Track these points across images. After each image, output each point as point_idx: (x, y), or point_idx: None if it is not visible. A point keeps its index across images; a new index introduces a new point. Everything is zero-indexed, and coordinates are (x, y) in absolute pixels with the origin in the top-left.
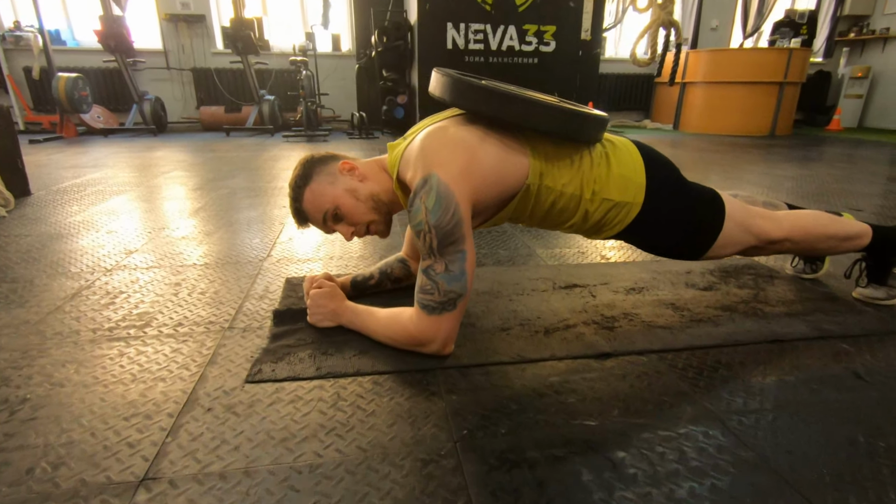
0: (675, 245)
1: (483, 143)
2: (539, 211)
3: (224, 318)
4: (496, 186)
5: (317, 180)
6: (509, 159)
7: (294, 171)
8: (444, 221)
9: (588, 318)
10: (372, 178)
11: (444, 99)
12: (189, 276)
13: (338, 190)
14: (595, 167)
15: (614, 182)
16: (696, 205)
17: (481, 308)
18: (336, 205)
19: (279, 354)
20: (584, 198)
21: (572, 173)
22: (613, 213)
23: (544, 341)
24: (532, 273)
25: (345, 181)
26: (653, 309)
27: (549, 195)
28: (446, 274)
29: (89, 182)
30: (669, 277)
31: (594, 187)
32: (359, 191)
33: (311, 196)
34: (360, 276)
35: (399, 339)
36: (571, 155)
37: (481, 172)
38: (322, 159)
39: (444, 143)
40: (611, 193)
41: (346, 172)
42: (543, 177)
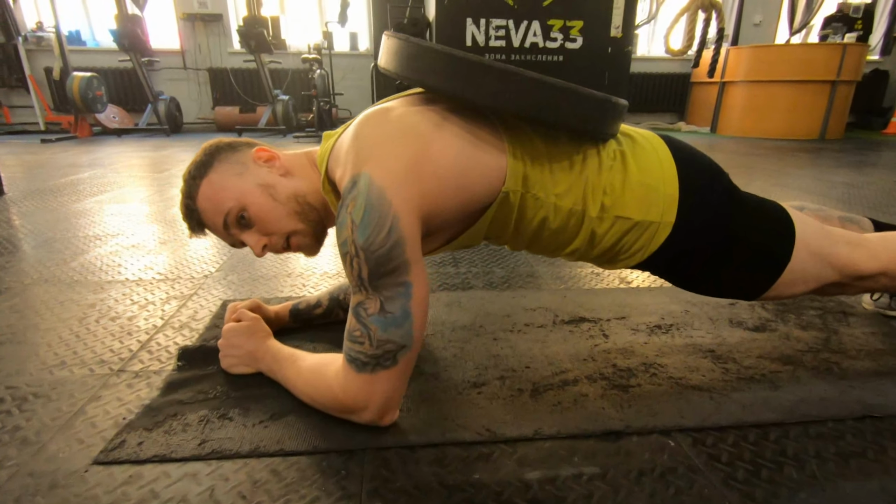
0: (721, 283)
1: (439, 130)
2: (526, 230)
3: (119, 357)
4: (458, 193)
5: (218, 169)
6: (477, 156)
7: (192, 160)
8: (376, 241)
9: (595, 369)
10: (298, 174)
11: (390, 71)
12: (109, 295)
13: (247, 184)
14: (605, 172)
15: (633, 193)
16: (751, 226)
17: (453, 351)
18: (243, 204)
19: (161, 416)
20: (590, 215)
21: (571, 180)
22: (632, 236)
23: (530, 407)
24: (529, 301)
25: (259, 173)
26: (684, 358)
27: (537, 209)
28: (380, 317)
29: (74, 182)
30: (707, 311)
31: (603, 200)
32: (277, 188)
33: (208, 190)
34: (303, 302)
35: (324, 402)
36: (570, 154)
37: (435, 172)
38: (231, 145)
39: (383, 131)
40: (628, 209)
41: (263, 163)
42: (529, 183)
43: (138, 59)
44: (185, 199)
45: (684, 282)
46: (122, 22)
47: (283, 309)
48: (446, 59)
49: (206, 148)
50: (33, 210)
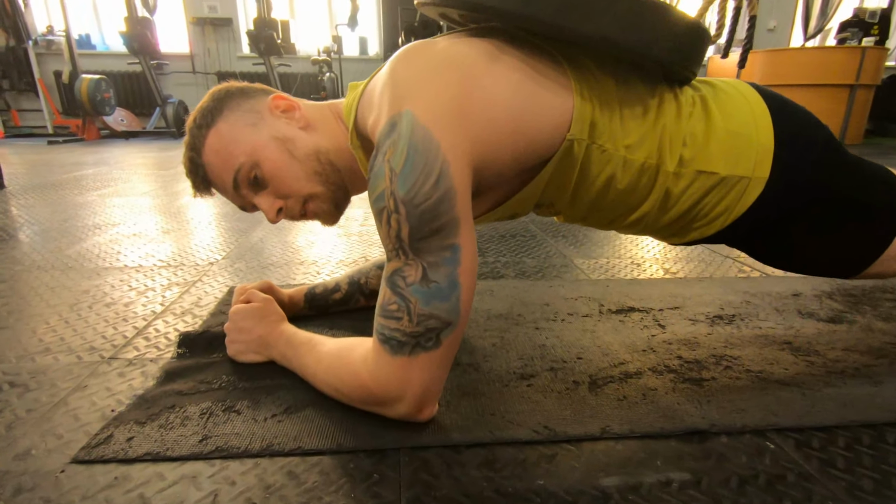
0: (819, 254)
1: (493, 63)
2: (587, 192)
3: (112, 344)
4: (515, 140)
5: (228, 118)
6: (538, 94)
7: (195, 109)
8: (421, 192)
9: (658, 361)
10: (320, 128)
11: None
12: (105, 281)
13: (261, 137)
14: (685, 119)
15: (719, 143)
16: (858, 187)
17: (492, 340)
18: (255, 160)
19: (156, 408)
20: (665, 169)
21: (644, 128)
22: (715, 196)
23: (590, 401)
24: (569, 290)
25: (275, 125)
26: (759, 350)
27: (603, 165)
28: (422, 287)
29: (77, 178)
30: (769, 301)
31: (682, 153)
32: (296, 143)
33: (216, 142)
34: (319, 286)
35: (349, 393)
36: (644, 98)
37: (488, 112)
38: (244, 90)
39: (426, 64)
40: (712, 162)
41: (281, 113)
42: (596, 131)
43: (147, 62)
44: (189, 152)
45: (773, 254)
46: (132, 24)
47: (297, 293)
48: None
49: (215, 93)
50: (32, 203)
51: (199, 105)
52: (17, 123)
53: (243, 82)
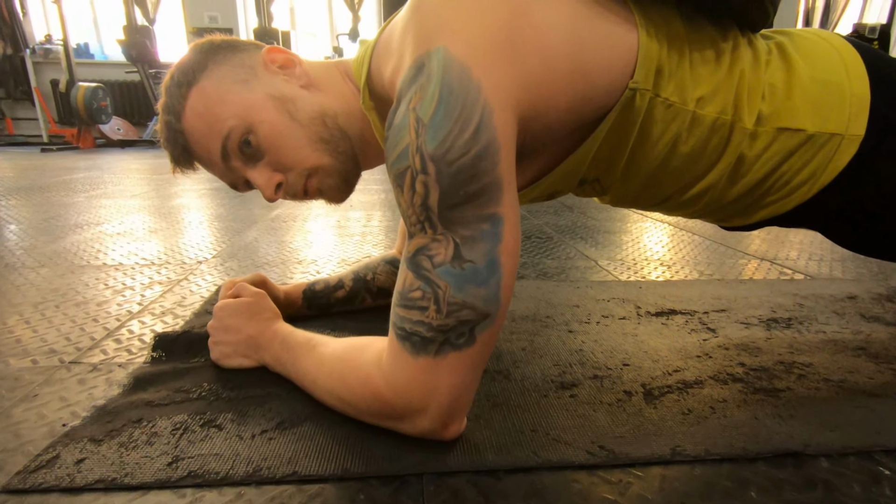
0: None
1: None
2: (645, 157)
3: (77, 347)
4: (572, 82)
5: (214, 74)
6: (601, 28)
7: (174, 65)
8: (456, 144)
9: (719, 368)
10: (325, 87)
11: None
12: (79, 279)
13: (255, 95)
14: (762, 68)
15: (804, 94)
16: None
17: (521, 344)
18: (248, 123)
19: (118, 422)
20: (742, 126)
21: (719, 76)
22: (799, 159)
23: (649, 415)
24: (599, 291)
25: (272, 82)
26: (831, 357)
27: (668, 123)
28: (454, 267)
29: (66, 182)
30: (825, 304)
31: (761, 107)
32: (297, 103)
33: (199, 103)
34: (320, 283)
35: (357, 403)
36: (716, 41)
37: (540, 45)
38: (231, 43)
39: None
40: (797, 117)
41: (278, 68)
42: (661, 80)
43: (146, 71)
44: (166, 116)
45: (863, 235)
46: (131, 33)
47: (294, 290)
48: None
49: (197, 46)
50: (15, 203)
51: (179, 61)
52: (11, 132)
53: (232, 36)
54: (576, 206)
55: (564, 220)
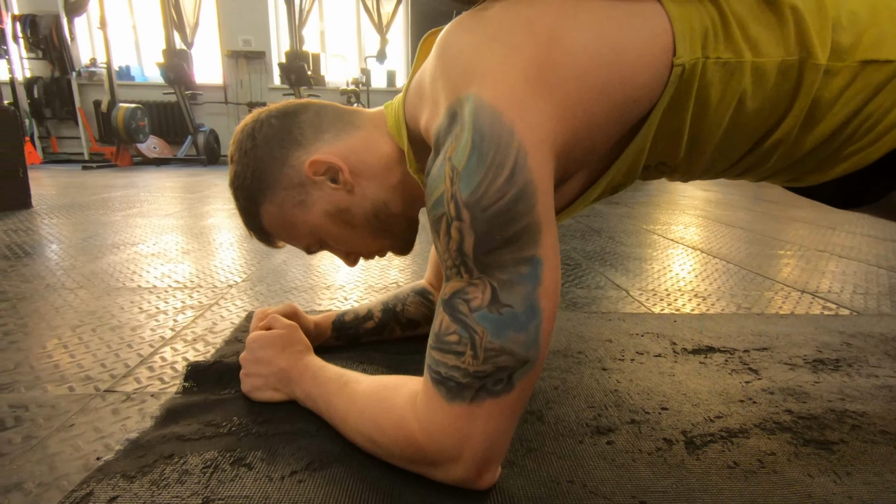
0: None
1: (566, 4)
2: (711, 128)
3: (111, 374)
4: (608, 91)
5: (274, 200)
6: (628, 23)
7: (231, 170)
8: (490, 190)
9: (765, 415)
10: (369, 174)
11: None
12: (115, 302)
13: (315, 215)
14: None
15: (891, 15)
16: None
17: (553, 383)
18: (319, 237)
19: (150, 458)
20: (815, 62)
21: (772, 16)
22: (887, 97)
23: (692, 467)
24: (632, 325)
25: (323, 197)
26: (887, 406)
27: (727, 80)
28: (492, 312)
29: (105, 200)
30: (874, 343)
31: (838, 38)
32: (352, 210)
33: (272, 222)
34: (349, 313)
35: (390, 446)
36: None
37: (573, 70)
38: (269, 153)
39: (483, 34)
40: (885, 46)
41: (323, 179)
42: (709, 41)
43: (182, 93)
44: (248, 220)
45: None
46: (170, 57)
47: (324, 320)
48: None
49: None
50: (56, 221)
51: (234, 172)
52: (55, 150)
53: (267, 113)
54: (604, 230)
55: (592, 246)
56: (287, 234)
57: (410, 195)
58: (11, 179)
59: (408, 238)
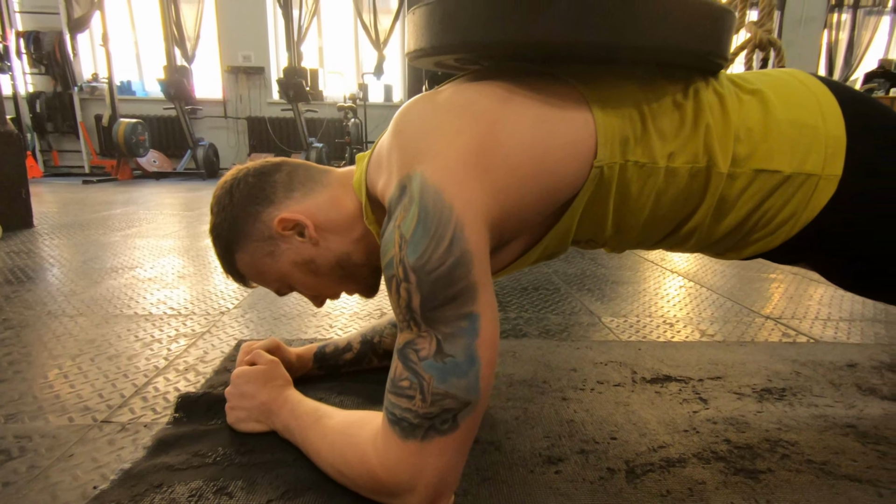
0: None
1: (505, 104)
2: (632, 214)
3: (108, 404)
4: (539, 180)
5: (247, 249)
6: (558, 127)
7: (211, 220)
8: (433, 258)
9: (704, 445)
10: (334, 229)
11: (424, 49)
12: (113, 330)
13: (283, 264)
14: (733, 112)
15: (780, 135)
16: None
17: (514, 413)
18: (287, 283)
19: (142, 486)
20: (718, 171)
21: (685, 131)
22: (779, 198)
23: (629, 496)
24: (598, 353)
25: (290, 248)
26: (819, 436)
27: (645, 179)
28: (437, 361)
29: (105, 218)
30: (823, 373)
31: (736, 150)
32: (317, 261)
33: (245, 267)
34: (330, 345)
35: (354, 479)
36: (676, 98)
37: (507, 158)
38: (247, 201)
39: (433, 118)
40: (774, 158)
41: (290, 234)
42: (628, 147)
43: (182, 108)
44: (225, 265)
45: (848, 274)
46: (171, 73)
47: (306, 352)
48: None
49: (221, 210)
50: (57, 243)
51: (213, 223)
52: (56, 163)
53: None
54: (587, 252)
55: (574, 269)
56: (259, 279)
57: (374, 246)
58: (14, 200)
59: (372, 283)
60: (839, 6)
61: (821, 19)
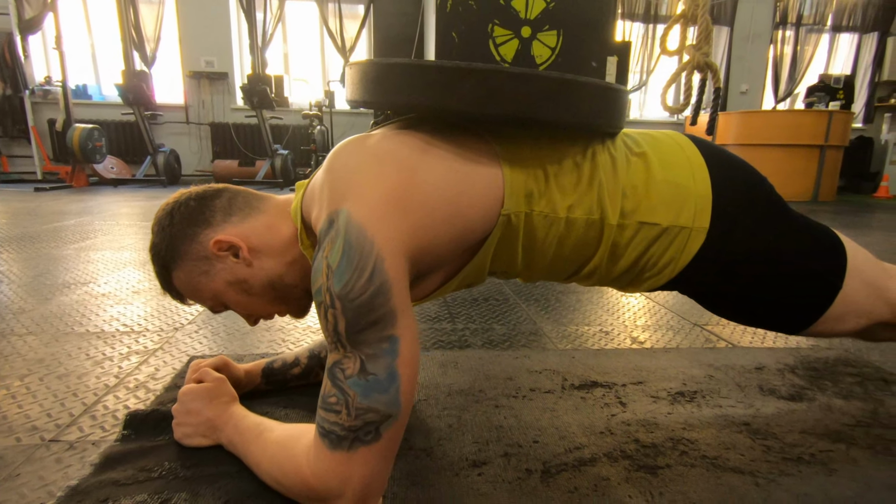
0: (761, 306)
1: (424, 154)
2: (539, 254)
3: (56, 424)
4: (452, 223)
5: (183, 268)
6: (470, 178)
7: (151, 239)
8: (355, 288)
9: (615, 445)
10: (268, 252)
11: (359, 101)
12: (63, 349)
13: (217, 284)
14: (622, 172)
15: (659, 194)
16: (800, 241)
17: (448, 421)
18: (221, 301)
19: (87, 502)
20: (609, 223)
21: (582, 187)
22: (660, 246)
23: (541, 493)
24: (534, 362)
25: (225, 268)
26: (716, 433)
27: (548, 227)
28: (360, 379)
29: (58, 230)
30: (733, 376)
31: (624, 204)
32: (249, 281)
33: (181, 284)
34: (278, 360)
35: (290, 487)
36: (576, 158)
37: (423, 202)
38: (185, 223)
39: (360, 160)
40: (654, 213)
41: (225, 255)
42: (533, 199)
43: (141, 113)
44: (164, 284)
45: (720, 305)
46: (129, 77)
47: (254, 368)
48: (419, 70)
49: (161, 231)
50: (6, 257)
51: (152, 242)
52: (6, 169)
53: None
54: None
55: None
56: (194, 297)
57: (307, 269)
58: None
59: (304, 305)
60: (783, 23)
61: (767, 35)
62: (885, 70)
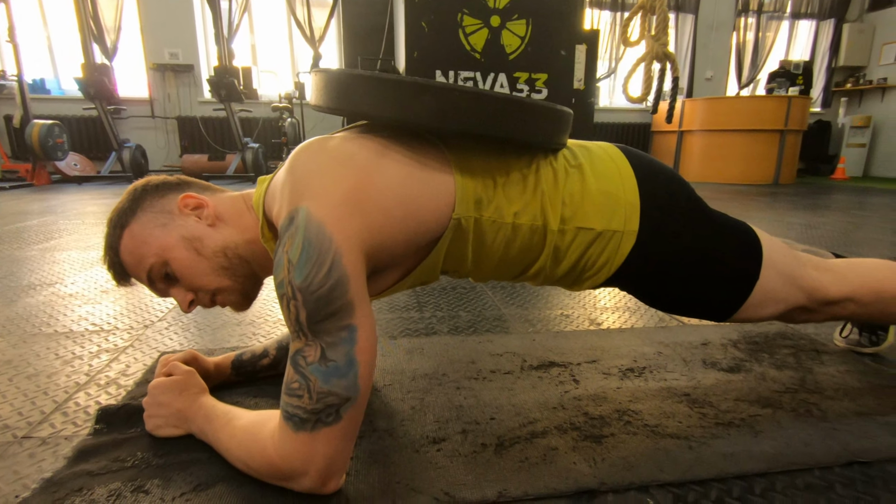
0: (689, 297)
1: (381, 158)
2: (488, 256)
3: (28, 421)
4: (406, 224)
5: (141, 219)
6: (423, 182)
7: (116, 204)
8: (314, 281)
9: (566, 419)
10: (231, 222)
11: (322, 107)
12: (32, 350)
13: (170, 237)
14: (562, 183)
15: (593, 202)
16: (719, 238)
17: (412, 403)
18: (164, 259)
19: (62, 492)
20: (551, 228)
21: (527, 196)
22: (596, 248)
23: (494, 464)
24: (496, 346)
25: (184, 224)
26: (660, 404)
27: (496, 232)
28: (321, 366)
29: (19, 230)
30: (680, 352)
31: (563, 212)
32: (203, 241)
33: (129, 243)
34: (247, 353)
35: (258, 468)
36: (522, 169)
37: (379, 203)
38: (159, 187)
39: (320, 161)
40: (589, 219)
41: (190, 211)
42: (482, 206)
43: (104, 108)
44: (108, 250)
45: (654, 299)
46: (89, 71)
47: (224, 360)
48: (379, 83)
49: (131, 191)
50: None
51: (117, 204)
52: None
53: (163, 176)
54: None
55: None
56: (137, 253)
57: (261, 256)
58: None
59: (246, 289)
60: (745, 10)
61: (730, 23)
62: (841, 56)
